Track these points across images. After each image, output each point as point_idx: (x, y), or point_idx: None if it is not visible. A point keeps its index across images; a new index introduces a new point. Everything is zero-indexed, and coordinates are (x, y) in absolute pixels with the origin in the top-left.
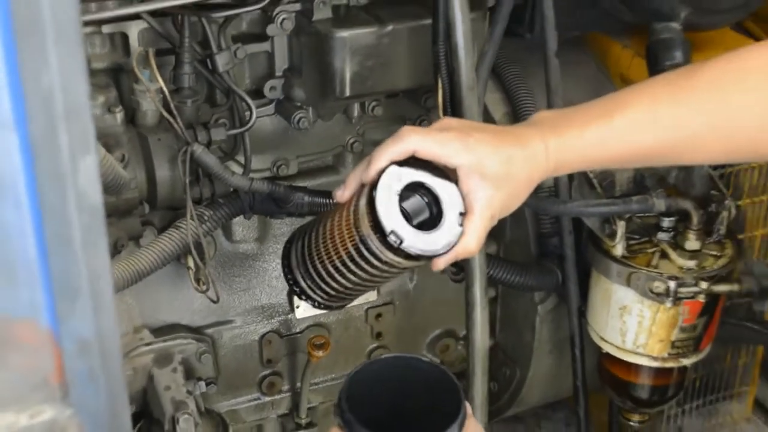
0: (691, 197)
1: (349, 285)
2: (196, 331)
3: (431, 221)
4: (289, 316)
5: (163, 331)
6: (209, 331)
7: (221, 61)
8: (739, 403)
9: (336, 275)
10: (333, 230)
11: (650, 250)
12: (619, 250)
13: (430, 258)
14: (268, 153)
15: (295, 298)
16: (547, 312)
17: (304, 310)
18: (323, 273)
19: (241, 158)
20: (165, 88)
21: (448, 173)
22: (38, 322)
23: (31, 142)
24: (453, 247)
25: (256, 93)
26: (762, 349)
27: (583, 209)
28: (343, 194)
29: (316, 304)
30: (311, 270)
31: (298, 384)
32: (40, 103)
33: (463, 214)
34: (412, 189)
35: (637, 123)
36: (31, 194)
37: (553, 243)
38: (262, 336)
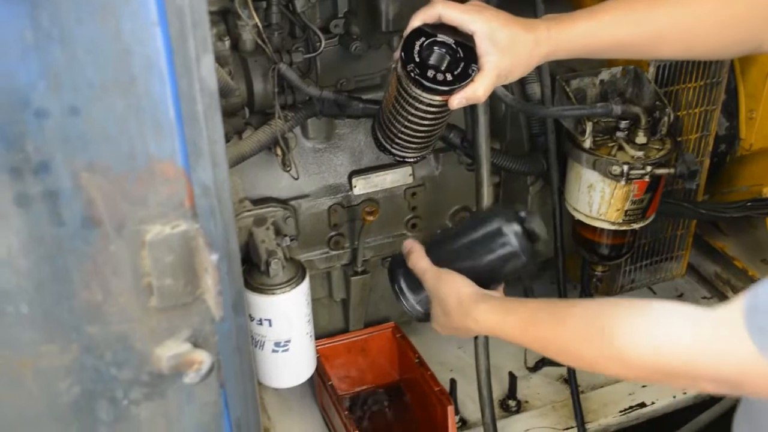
0: (642, 107)
1: (401, 128)
2: (283, 202)
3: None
4: (349, 192)
5: (259, 201)
6: (292, 202)
7: (299, 4)
8: (677, 263)
9: (393, 121)
10: (389, 89)
11: (610, 144)
12: (588, 143)
13: (445, 93)
14: (334, 73)
15: (353, 181)
16: (536, 192)
17: (359, 188)
18: (386, 121)
19: (314, 77)
20: (259, 24)
21: (468, 40)
22: (176, 163)
23: (170, 39)
24: (464, 88)
25: (324, 29)
26: (694, 223)
27: (562, 112)
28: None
29: (396, 157)
30: (382, 123)
31: (356, 242)
32: (176, 15)
33: (475, 70)
34: (441, 48)
35: (618, 18)
36: (171, 74)
37: (540, 141)
38: (330, 207)
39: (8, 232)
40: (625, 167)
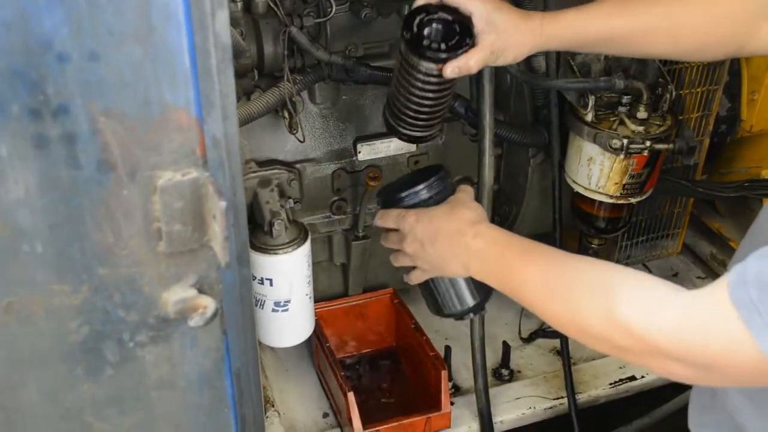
0: (645, 83)
1: (405, 102)
2: (288, 165)
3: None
4: (354, 158)
5: (264, 163)
6: (297, 165)
7: None
8: (672, 241)
9: (399, 96)
10: (396, 68)
11: (612, 119)
12: (589, 117)
13: (440, 60)
14: (343, 39)
15: (357, 146)
16: (537, 164)
17: (364, 154)
18: (393, 100)
19: (323, 41)
20: None
21: (466, 20)
22: (190, 111)
23: None
24: (458, 57)
25: None
26: (691, 202)
27: (565, 84)
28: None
29: (403, 137)
30: (390, 104)
31: (358, 208)
32: None
33: (469, 43)
34: (439, 24)
35: (609, 12)
36: (188, 26)
37: (543, 113)
38: (334, 171)
39: (26, 172)
40: (625, 141)
